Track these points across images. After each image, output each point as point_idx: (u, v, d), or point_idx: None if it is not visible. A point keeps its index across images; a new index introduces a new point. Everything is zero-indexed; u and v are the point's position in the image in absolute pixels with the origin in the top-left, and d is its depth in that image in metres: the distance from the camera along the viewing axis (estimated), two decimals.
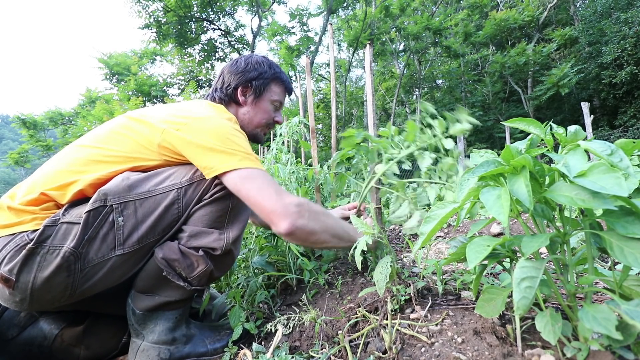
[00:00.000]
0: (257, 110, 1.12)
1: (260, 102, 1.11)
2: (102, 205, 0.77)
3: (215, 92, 1.11)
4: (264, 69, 1.10)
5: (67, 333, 0.94)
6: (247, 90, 1.09)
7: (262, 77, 1.10)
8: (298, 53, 19.26)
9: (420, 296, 0.97)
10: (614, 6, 13.13)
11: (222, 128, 0.87)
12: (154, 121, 0.89)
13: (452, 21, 16.48)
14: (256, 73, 1.09)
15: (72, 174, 0.82)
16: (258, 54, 1.16)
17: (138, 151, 0.86)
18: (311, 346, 0.87)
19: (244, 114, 1.11)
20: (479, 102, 18.01)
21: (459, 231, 1.97)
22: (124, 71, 18.69)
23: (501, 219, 0.54)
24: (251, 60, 1.11)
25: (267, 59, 1.15)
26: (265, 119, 1.14)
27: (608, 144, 0.58)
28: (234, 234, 0.90)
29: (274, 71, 1.12)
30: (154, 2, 14.78)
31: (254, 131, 1.14)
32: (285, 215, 0.80)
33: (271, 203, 0.80)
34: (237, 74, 1.08)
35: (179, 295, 0.88)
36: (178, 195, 0.83)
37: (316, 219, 0.85)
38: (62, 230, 0.76)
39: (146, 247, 0.83)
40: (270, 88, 1.12)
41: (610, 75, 12.75)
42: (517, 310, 0.55)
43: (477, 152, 0.80)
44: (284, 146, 2.22)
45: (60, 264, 0.73)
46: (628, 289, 0.61)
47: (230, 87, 1.08)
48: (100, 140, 0.88)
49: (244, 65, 1.10)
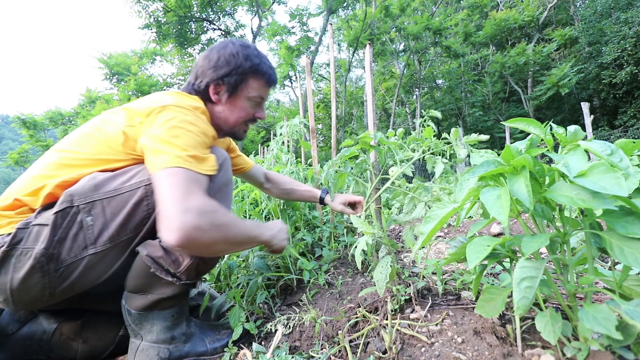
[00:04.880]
0: (232, 109, 1.01)
1: (235, 100, 1.00)
2: (69, 206, 0.77)
3: (188, 88, 1.01)
4: (238, 63, 0.96)
5: (66, 326, 0.95)
6: (220, 88, 0.98)
7: (236, 73, 0.97)
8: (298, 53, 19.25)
9: (420, 296, 0.97)
10: (614, 6, 13.13)
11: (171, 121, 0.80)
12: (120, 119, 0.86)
13: (452, 21, 16.48)
14: (229, 68, 0.96)
15: (43, 178, 0.82)
16: (236, 41, 1.01)
17: (105, 152, 0.85)
18: (311, 346, 0.87)
19: (219, 113, 1.01)
20: (479, 102, 18.01)
21: (459, 231, 1.97)
22: (124, 71, 18.69)
23: (501, 219, 0.54)
24: (224, 53, 0.97)
25: (244, 47, 0.99)
26: (242, 118, 1.04)
27: (608, 144, 0.58)
28: None
29: (251, 63, 0.98)
30: (154, 2, 14.77)
31: (231, 130, 1.06)
32: (178, 226, 0.68)
33: (169, 206, 0.70)
34: (208, 69, 0.97)
35: (171, 292, 0.88)
36: (146, 192, 0.82)
37: (217, 228, 0.74)
38: (34, 232, 0.76)
39: (120, 244, 0.83)
40: (247, 84, 0.99)
41: (610, 75, 12.75)
42: (517, 310, 0.55)
43: (477, 152, 0.80)
44: (284, 146, 2.22)
45: (33, 265, 0.74)
46: (628, 289, 0.61)
47: (201, 84, 0.98)
48: (72, 143, 0.87)
49: (216, 59, 0.97)
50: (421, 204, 1.14)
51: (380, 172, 1.25)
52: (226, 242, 0.78)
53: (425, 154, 1.17)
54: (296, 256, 1.32)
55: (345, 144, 1.24)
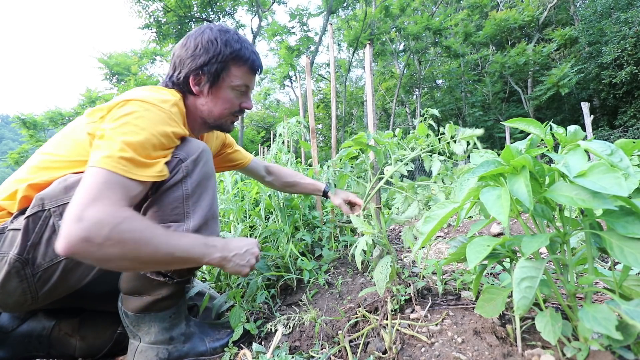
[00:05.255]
0: (216, 100, 0.95)
1: (218, 90, 0.94)
2: (40, 210, 0.76)
3: (167, 81, 0.95)
4: (217, 50, 0.89)
5: (65, 323, 0.95)
6: (200, 79, 0.91)
7: (216, 60, 0.90)
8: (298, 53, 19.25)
9: (420, 296, 0.97)
10: (614, 6, 13.13)
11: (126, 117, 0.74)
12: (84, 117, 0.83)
13: (452, 21, 16.48)
14: (208, 56, 0.89)
15: (19, 182, 0.81)
16: (214, 26, 0.93)
17: (80, 154, 0.81)
18: (311, 346, 0.87)
19: (203, 105, 0.95)
20: (479, 102, 18.02)
21: (459, 231, 1.97)
22: (124, 71, 18.70)
23: (501, 219, 0.54)
24: (200, 41, 0.90)
25: (223, 32, 0.92)
26: (228, 109, 0.98)
27: (608, 144, 0.58)
28: (194, 223, 0.83)
29: (231, 49, 0.91)
30: (154, 2, 14.79)
31: (217, 122, 1.00)
32: (65, 234, 0.62)
33: (67, 211, 0.64)
34: (186, 58, 0.90)
35: (166, 292, 0.86)
36: None
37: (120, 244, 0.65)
38: (9, 237, 0.76)
39: None
40: (229, 72, 0.93)
41: (610, 75, 12.75)
42: (517, 310, 0.55)
43: (477, 152, 0.80)
44: (284, 146, 2.23)
45: (9, 270, 0.74)
46: (628, 289, 0.61)
47: (180, 76, 0.91)
48: (53, 145, 0.85)
49: (193, 48, 0.90)
50: (414, 202, 1.14)
51: (378, 172, 1.25)
52: (135, 261, 0.69)
53: (422, 153, 1.17)
54: (297, 255, 1.32)
55: (345, 145, 1.24)
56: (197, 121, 1.00)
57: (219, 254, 0.81)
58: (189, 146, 0.87)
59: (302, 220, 1.79)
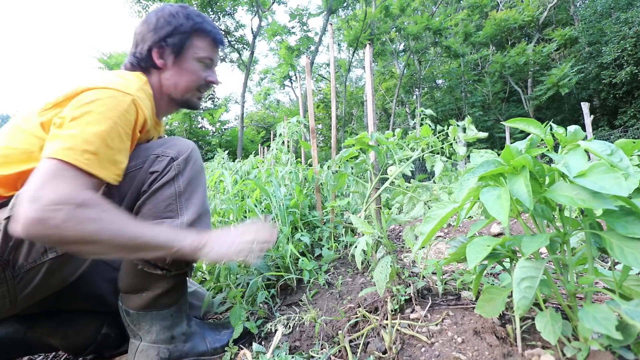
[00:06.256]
0: (181, 72, 0.94)
1: (182, 62, 0.94)
2: None
3: (130, 58, 0.93)
4: (179, 22, 0.91)
5: (40, 324, 0.92)
6: (164, 50, 0.91)
7: (178, 32, 0.91)
8: (298, 53, 19.26)
9: (420, 296, 0.97)
10: (614, 6, 13.14)
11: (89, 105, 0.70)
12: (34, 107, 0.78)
13: (452, 21, 16.50)
14: (170, 28, 0.90)
15: None
16: (174, 4, 0.96)
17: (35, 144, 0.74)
18: (311, 346, 0.87)
19: (167, 80, 0.94)
20: (479, 102, 18.02)
21: (459, 231, 1.97)
22: None
23: (501, 219, 0.54)
24: (163, 14, 0.92)
25: (183, 7, 0.95)
26: (194, 81, 0.97)
27: (608, 144, 0.58)
28: (188, 218, 0.83)
29: (193, 22, 0.93)
30: (154, 2, 14.79)
31: (183, 97, 0.98)
32: (21, 215, 0.60)
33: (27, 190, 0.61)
34: (148, 32, 0.90)
35: (165, 286, 0.85)
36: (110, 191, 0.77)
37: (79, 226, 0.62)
38: None
39: None
40: (192, 43, 0.93)
41: (610, 75, 12.76)
42: (517, 310, 0.55)
43: (477, 152, 0.80)
44: (284, 146, 2.23)
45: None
46: (628, 289, 0.61)
47: (143, 50, 0.91)
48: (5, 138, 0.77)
49: (155, 21, 0.91)
50: (420, 203, 1.14)
51: (379, 172, 1.25)
52: (96, 244, 0.66)
53: (425, 153, 1.17)
54: (297, 255, 1.32)
55: (346, 144, 1.24)
56: (164, 100, 0.97)
57: (190, 240, 0.75)
58: (180, 144, 0.87)
59: (302, 220, 1.79)
